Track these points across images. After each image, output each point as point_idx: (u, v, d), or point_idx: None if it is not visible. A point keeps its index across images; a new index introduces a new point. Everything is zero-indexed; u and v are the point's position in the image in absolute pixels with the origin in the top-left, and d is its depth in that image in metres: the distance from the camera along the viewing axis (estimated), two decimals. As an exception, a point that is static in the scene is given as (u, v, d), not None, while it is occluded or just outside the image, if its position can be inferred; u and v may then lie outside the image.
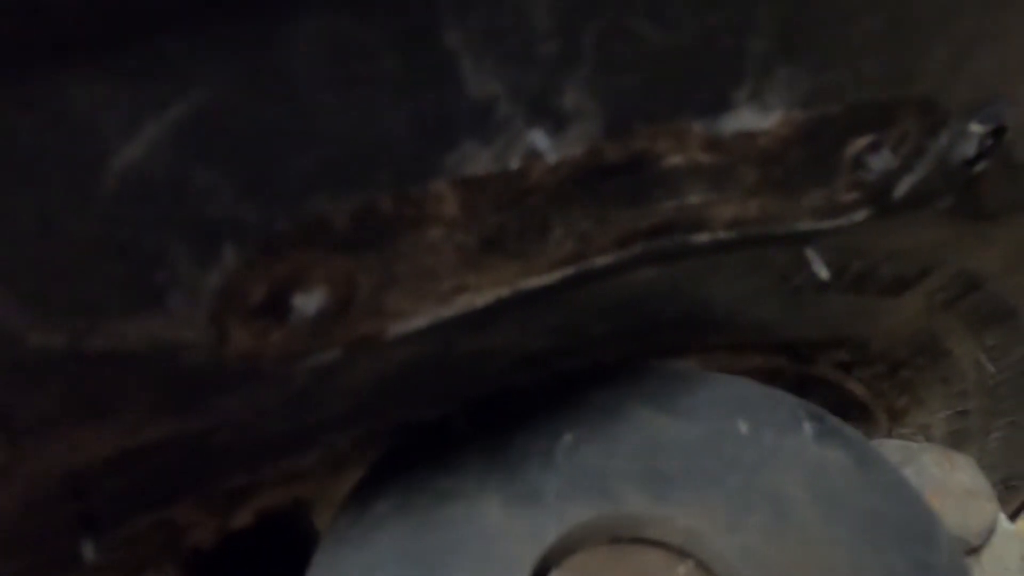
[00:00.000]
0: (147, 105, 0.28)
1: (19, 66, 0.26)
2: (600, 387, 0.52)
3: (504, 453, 0.49)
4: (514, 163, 0.35)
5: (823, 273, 0.47)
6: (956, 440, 0.75)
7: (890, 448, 0.63)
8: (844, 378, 0.67)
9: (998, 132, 0.46)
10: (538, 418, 0.50)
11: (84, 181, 0.28)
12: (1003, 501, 0.84)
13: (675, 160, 0.39)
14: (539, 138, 0.35)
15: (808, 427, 0.51)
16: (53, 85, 0.27)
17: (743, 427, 0.51)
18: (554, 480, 0.48)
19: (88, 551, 0.39)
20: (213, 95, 0.29)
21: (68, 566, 0.40)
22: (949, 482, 0.60)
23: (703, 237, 0.43)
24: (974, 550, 0.59)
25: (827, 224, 0.46)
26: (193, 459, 0.40)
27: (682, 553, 0.48)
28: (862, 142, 0.43)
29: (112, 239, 0.30)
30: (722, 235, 0.44)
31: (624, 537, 0.48)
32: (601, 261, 0.41)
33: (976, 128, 0.46)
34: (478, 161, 0.34)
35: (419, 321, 0.39)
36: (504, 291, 0.40)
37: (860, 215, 0.46)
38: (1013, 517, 0.91)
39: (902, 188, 0.46)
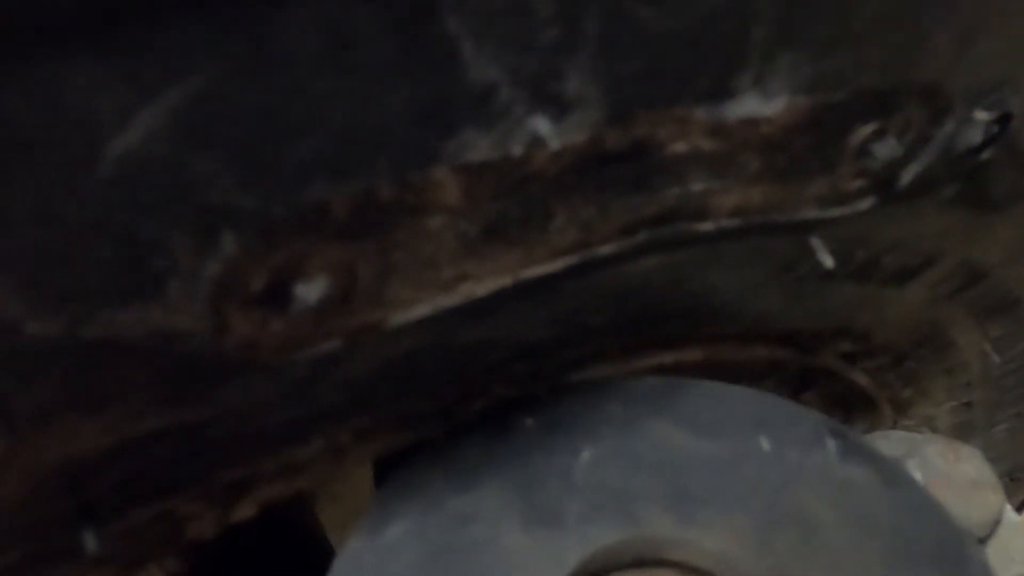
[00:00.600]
0: (143, 92, 0.28)
1: (13, 52, 0.26)
2: (617, 400, 0.50)
3: (521, 472, 0.47)
4: (516, 150, 0.34)
5: (827, 262, 0.47)
6: (961, 432, 0.75)
7: (894, 439, 0.62)
8: (848, 369, 0.66)
9: (1003, 119, 0.46)
10: (554, 433, 0.49)
11: (80, 168, 0.28)
12: (1009, 493, 0.84)
13: (678, 147, 0.39)
14: (541, 124, 0.34)
15: (832, 444, 0.50)
16: (48, 72, 0.26)
17: (766, 444, 0.49)
18: (575, 501, 0.46)
19: (89, 542, 0.39)
20: (210, 81, 0.28)
21: (69, 558, 0.40)
22: (953, 473, 0.59)
23: (706, 225, 0.43)
24: (979, 541, 0.59)
25: (831, 212, 0.46)
26: (193, 450, 0.40)
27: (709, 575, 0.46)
28: (866, 130, 0.43)
29: (109, 226, 0.29)
30: (725, 223, 0.43)
31: (649, 560, 0.47)
32: (604, 249, 0.41)
33: (981, 115, 0.45)
34: (479, 148, 0.34)
35: (420, 310, 0.38)
36: (506, 280, 0.39)
37: (864, 203, 0.46)
38: (1019, 509, 0.91)
39: (907, 176, 0.46)
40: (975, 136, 0.46)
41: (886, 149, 0.43)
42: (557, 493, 0.46)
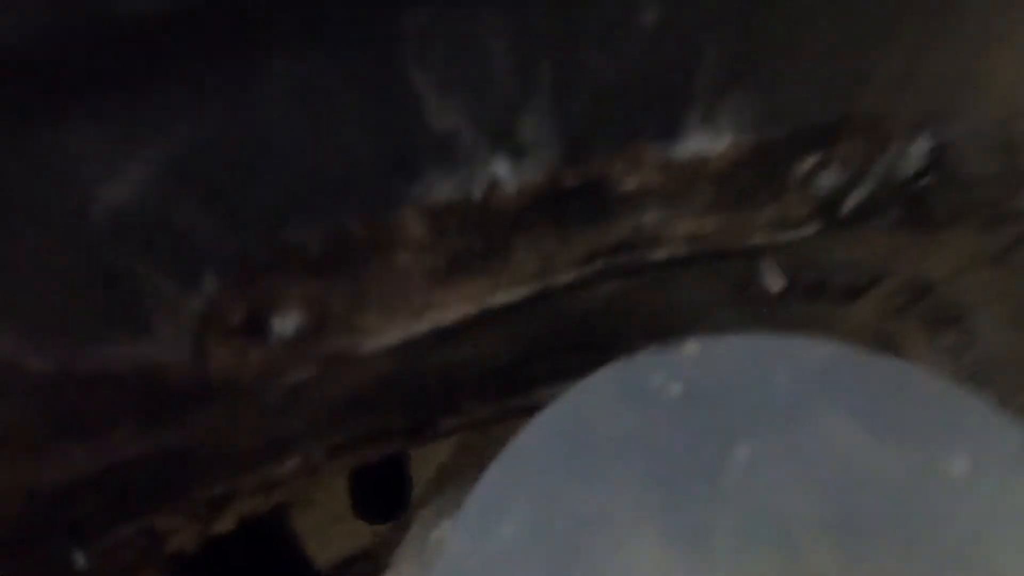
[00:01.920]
0: (130, 147, 0.30)
1: (9, 116, 0.28)
2: (783, 373, 0.41)
3: (663, 465, 0.38)
4: (477, 191, 0.37)
5: (777, 284, 0.49)
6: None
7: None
8: (805, 380, 0.68)
9: (942, 147, 0.48)
10: (705, 411, 0.40)
11: (72, 219, 0.30)
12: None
13: (631, 183, 0.41)
14: (500, 167, 0.36)
15: None
16: (40, 131, 0.28)
17: (962, 464, 0.39)
18: (726, 514, 0.38)
19: (79, 561, 0.41)
20: (192, 135, 0.31)
21: (57, 573, 0.42)
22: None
23: (661, 253, 0.45)
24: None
25: (779, 238, 0.48)
26: (175, 470, 0.42)
27: None
28: (810, 161, 0.45)
29: (101, 270, 0.31)
30: (679, 250, 0.45)
31: None
32: (563, 278, 0.43)
33: (921, 144, 0.47)
34: (442, 190, 0.36)
35: (390, 337, 0.40)
36: (471, 308, 0.41)
37: (810, 229, 0.48)
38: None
39: (850, 203, 0.47)
40: (916, 164, 0.48)
41: (829, 179, 0.45)
42: (704, 501, 0.38)
